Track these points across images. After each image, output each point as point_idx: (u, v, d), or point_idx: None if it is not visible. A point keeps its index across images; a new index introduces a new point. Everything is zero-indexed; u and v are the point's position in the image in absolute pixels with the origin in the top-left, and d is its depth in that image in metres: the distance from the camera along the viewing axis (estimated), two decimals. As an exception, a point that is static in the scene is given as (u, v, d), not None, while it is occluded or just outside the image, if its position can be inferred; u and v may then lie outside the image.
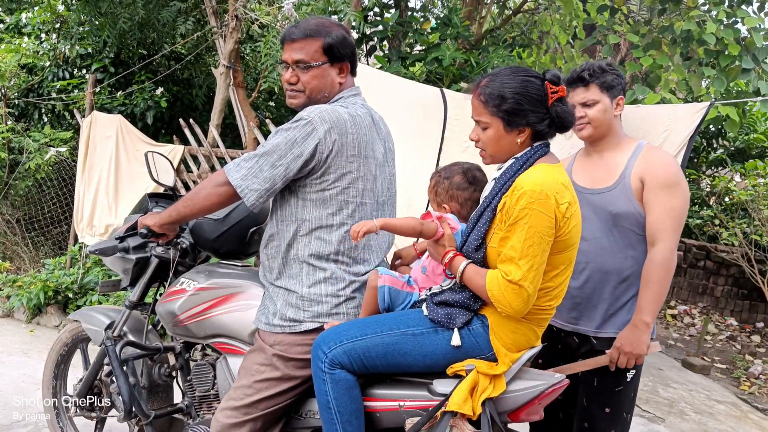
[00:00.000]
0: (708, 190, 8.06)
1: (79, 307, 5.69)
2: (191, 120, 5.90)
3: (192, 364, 2.66)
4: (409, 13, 7.02)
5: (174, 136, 6.20)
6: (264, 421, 2.16)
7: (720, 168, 8.72)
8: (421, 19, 6.88)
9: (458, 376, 1.94)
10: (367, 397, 2.06)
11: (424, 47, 6.51)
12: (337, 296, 2.16)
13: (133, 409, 2.57)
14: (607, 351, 2.42)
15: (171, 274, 2.67)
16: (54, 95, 6.90)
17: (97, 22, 6.66)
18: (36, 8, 7.04)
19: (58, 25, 7.08)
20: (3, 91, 6.67)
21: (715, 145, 8.90)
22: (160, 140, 6.73)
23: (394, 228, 2.02)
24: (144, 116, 7.09)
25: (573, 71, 2.51)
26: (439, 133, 3.93)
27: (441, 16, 7.03)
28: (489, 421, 1.83)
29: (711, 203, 7.89)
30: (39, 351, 4.93)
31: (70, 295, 5.77)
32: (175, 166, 5.86)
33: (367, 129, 2.21)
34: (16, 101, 6.94)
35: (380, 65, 6.55)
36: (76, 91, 6.85)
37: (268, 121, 5.48)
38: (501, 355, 1.91)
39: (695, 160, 8.59)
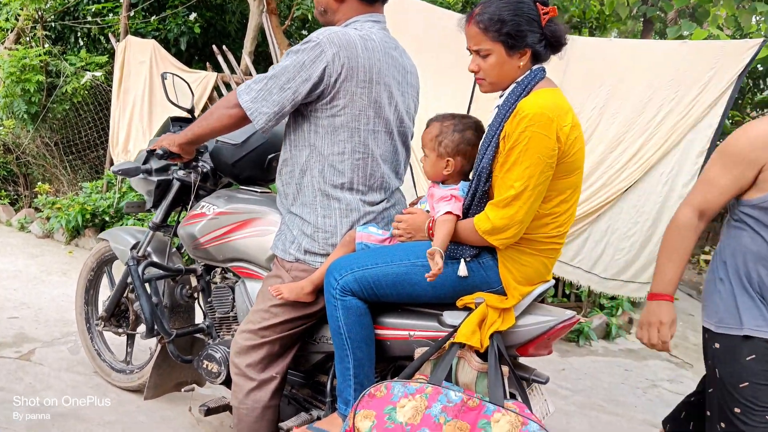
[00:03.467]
0: (752, 133, 7.74)
1: (114, 230, 5.85)
2: (224, 47, 5.86)
3: (212, 286, 2.72)
4: (449, -62, 6.76)
5: (207, 63, 6.18)
6: (281, 344, 2.22)
7: (766, 110, 8.37)
8: (460, -54, 6.62)
9: (468, 309, 1.94)
10: (378, 325, 2.09)
11: (462, -25, 6.30)
12: (352, 227, 2.17)
13: (155, 327, 2.66)
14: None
15: (192, 198, 2.71)
16: (89, 19, 6.90)
17: (131, -57, 6.58)
18: (71, -73, 6.97)
19: (92, -54, 7.02)
20: (40, 13, 6.68)
21: (762, 86, 8.50)
22: (193, 67, 6.73)
23: (446, 243, 1.91)
24: (177, 42, 7.07)
25: None
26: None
27: (482, -58, 6.75)
28: (496, 353, 1.82)
29: (755, 147, 7.58)
30: (77, 271, 4.99)
31: (107, 219, 5.92)
32: (208, 94, 5.91)
33: (381, 54, 2.14)
34: (53, 24, 6.95)
35: (417, -6, 6.37)
36: (111, 15, 6.84)
37: (299, 49, 5.39)
38: (510, 289, 1.91)
39: (740, 102, 8.23)
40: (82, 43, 7.14)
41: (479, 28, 1.89)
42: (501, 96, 1.97)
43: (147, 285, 2.69)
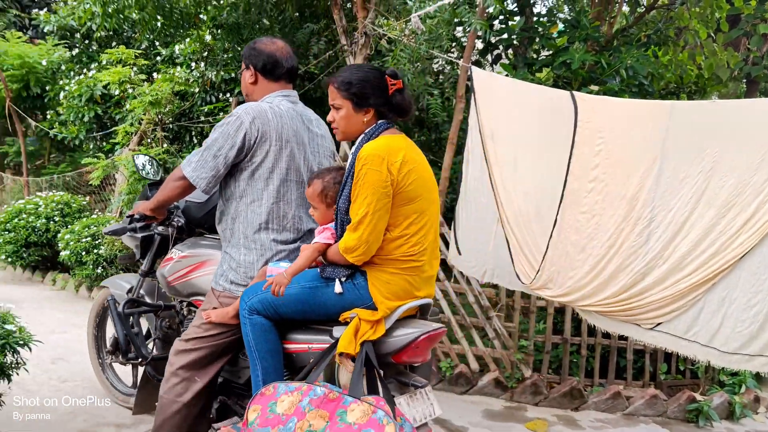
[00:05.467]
0: None
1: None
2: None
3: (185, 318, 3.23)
4: (535, 18, 6.88)
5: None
6: (207, 353, 2.69)
7: None
8: (548, 24, 6.72)
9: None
10: (286, 340, 2.53)
11: (551, 52, 6.34)
12: (266, 263, 2.63)
13: (132, 351, 3.29)
14: None
15: (171, 247, 3.28)
16: (202, 118, 7.49)
17: (239, 49, 7.18)
18: (187, 40, 7.71)
19: (205, 54, 7.74)
20: (159, 116, 7.34)
21: None
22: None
23: (301, 268, 2.40)
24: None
25: None
26: (569, 138, 3.82)
27: (569, 18, 6.82)
28: (362, 358, 2.21)
29: None
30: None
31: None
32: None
33: (288, 119, 2.69)
34: (170, 125, 7.59)
35: (506, 73, 6.48)
36: (221, 114, 7.40)
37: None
38: (379, 304, 2.32)
39: None
40: (195, 140, 7.74)
41: (334, 87, 2.44)
42: (354, 144, 2.44)
43: (130, 318, 3.27)
